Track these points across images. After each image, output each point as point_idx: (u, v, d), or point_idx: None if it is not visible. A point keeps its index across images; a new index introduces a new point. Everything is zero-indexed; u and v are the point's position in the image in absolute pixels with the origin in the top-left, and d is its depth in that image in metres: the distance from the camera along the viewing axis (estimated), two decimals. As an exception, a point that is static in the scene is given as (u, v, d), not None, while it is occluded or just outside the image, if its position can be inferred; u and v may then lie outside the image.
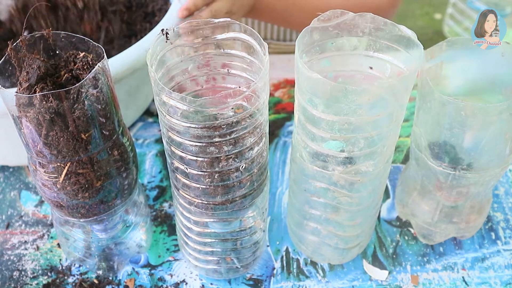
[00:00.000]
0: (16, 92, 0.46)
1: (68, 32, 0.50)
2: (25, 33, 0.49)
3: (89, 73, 0.45)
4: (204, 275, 0.62)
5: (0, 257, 0.64)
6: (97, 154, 0.49)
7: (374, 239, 0.66)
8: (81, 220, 0.55)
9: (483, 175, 0.56)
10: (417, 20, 2.24)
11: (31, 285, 0.61)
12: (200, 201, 0.51)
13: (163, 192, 0.71)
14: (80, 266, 0.63)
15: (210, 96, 0.46)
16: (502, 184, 0.72)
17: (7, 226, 0.67)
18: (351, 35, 0.50)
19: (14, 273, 0.63)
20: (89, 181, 0.50)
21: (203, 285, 0.61)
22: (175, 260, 0.64)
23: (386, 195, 0.70)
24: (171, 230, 0.66)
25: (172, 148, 0.48)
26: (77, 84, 0.44)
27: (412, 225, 0.66)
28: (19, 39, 0.47)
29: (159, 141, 0.77)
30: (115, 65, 0.62)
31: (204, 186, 0.49)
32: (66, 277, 0.62)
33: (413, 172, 0.62)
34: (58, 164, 0.48)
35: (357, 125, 0.46)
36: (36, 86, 0.46)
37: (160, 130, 0.52)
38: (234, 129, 0.45)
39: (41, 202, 0.70)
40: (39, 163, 0.49)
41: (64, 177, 0.49)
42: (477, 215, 0.63)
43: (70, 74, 0.48)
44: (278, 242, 0.66)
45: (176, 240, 0.65)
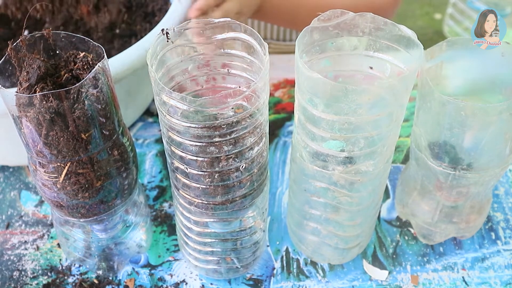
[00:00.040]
0: (16, 92, 0.46)
1: (66, 27, 0.49)
2: (25, 33, 0.49)
3: (89, 73, 0.45)
4: (204, 275, 0.62)
5: (0, 257, 0.64)
6: (97, 154, 0.49)
7: (374, 239, 0.66)
8: (81, 220, 0.55)
9: (483, 175, 0.55)
10: (417, 20, 2.24)
11: (31, 285, 0.61)
12: (200, 201, 0.51)
13: (163, 192, 0.71)
14: (80, 266, 0.63)
15: (210, 96, 0.46)
16: (502, 184, 0.72)
17: (7, 226, 0.67)
18: (351, 35, 0.50)
19: (14, 273, 0.62)
20: (89, 181, 0.50)
21: (203, 285, 0.61)
22: (175, 260, 0.64)
23: (386, 195, 0.70)
24: (171, 230, 0.66)
25: (172, 148, 0.48)
26: (77, 84, 0.44)
27: (412, 225, 0.66)
28: (19, 39, 0.48)
29: (159, 141, 0.77)
30: (115, 65, 0.62)
31: (204, 186, 0.49)
32: (66, 277, 0.62)
33: (413, 172, 0.62)
34: (58, 164, 0.48)
35: (357, 125, 0.46)
36: (36, 86, 0.46)
37: (160, 130, 0.52)
38: (234, 129, 0.45)
39: (41, 202, 0.70)
40: (39, 163, 0.49)
41: (64, 177, 0.49)
42: (477, 215, 0.63)
43: (70, 74, 0.48)
44: (278, 242, 0.66)
45: (176, 240, 0.65)
